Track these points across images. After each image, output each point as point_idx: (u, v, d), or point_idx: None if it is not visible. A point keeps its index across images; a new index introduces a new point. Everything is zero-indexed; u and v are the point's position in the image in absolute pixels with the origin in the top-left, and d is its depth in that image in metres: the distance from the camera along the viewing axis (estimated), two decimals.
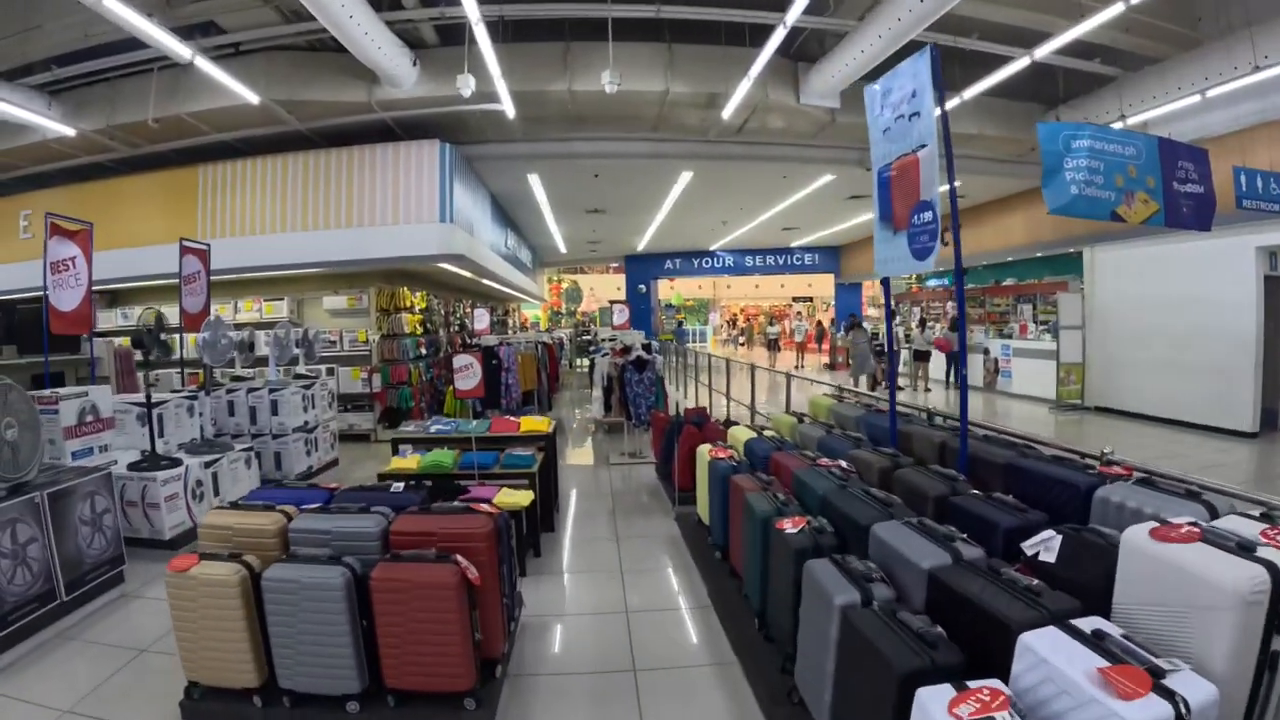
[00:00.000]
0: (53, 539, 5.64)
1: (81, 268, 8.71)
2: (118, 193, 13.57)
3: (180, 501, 7.37)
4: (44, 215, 8.40)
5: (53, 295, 8.36)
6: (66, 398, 7.10)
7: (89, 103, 11.96)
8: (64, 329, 8.63)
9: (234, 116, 11.83)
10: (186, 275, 9.74)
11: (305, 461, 9.99)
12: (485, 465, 7.01)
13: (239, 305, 14.04)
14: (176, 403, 8.32)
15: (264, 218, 12.80)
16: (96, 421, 7.41)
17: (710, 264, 33.35)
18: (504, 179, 16.37)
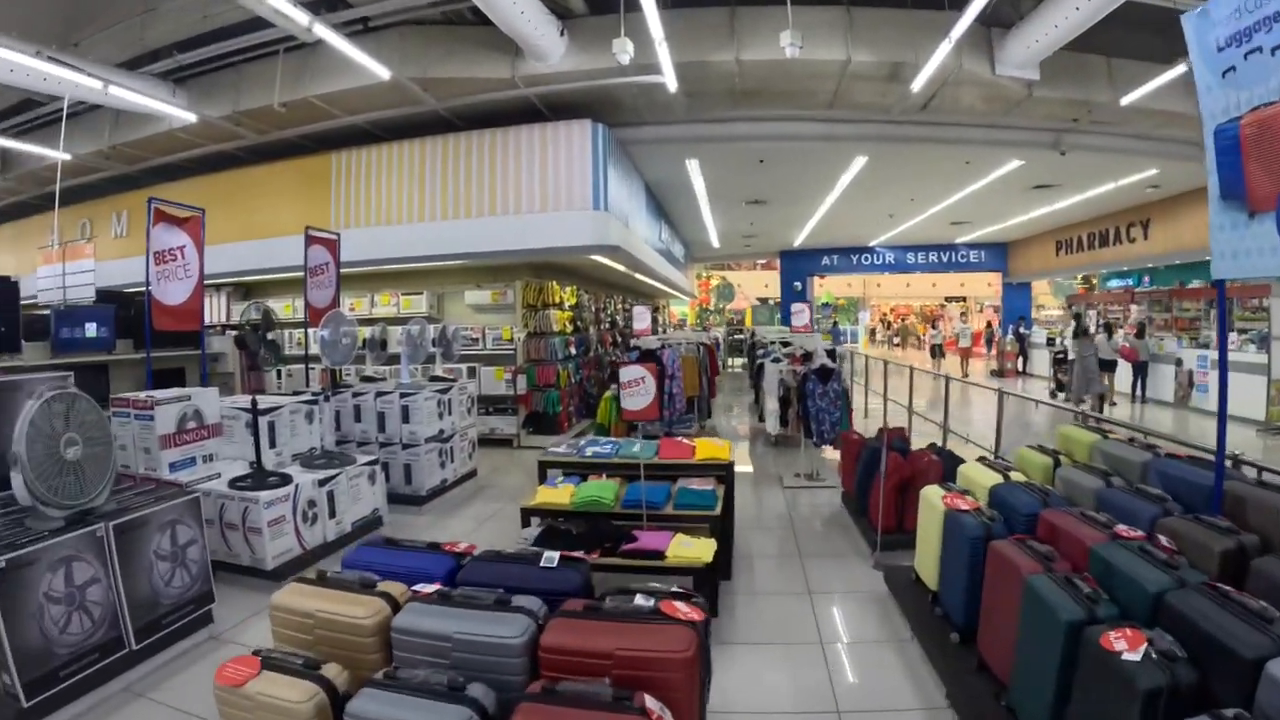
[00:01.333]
0: (119, 578, 4.64)
1: (191, 257, 7.98)
2: (249, 182, 13.28)
3: (288, 525, 6.35)
4: (147, 201, 7.67)
5: (157, 288, 7.62)
6: (164, 401, 6.25)
7: (214, 89, 11.57)
8: (170, 324, 7.85)
9: (365, 98, 11.13)
10: (313, 266, 9.29)
11: (439, 475, 8.92)
12: (655, 504, 5.81)
13: (375, 299, 13.37)
14: (293, 408, 7.34)
15: (402, 206, 12.14)
16: (200, 429, 6.55)
17: (869, 261, 31.55)
18: (660, 165, 15.17)
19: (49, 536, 4.25)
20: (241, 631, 5.50)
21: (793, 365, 10.40)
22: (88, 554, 4.44)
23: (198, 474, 6.40)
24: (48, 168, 13.64)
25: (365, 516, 7.36)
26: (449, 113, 11.90)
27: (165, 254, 7.75)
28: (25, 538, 4.20)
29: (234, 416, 7.11)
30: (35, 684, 4.05)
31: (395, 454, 8.63)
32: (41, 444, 4.31)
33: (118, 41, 10.68)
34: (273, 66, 10.81)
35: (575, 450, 6.75)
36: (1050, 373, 20.84)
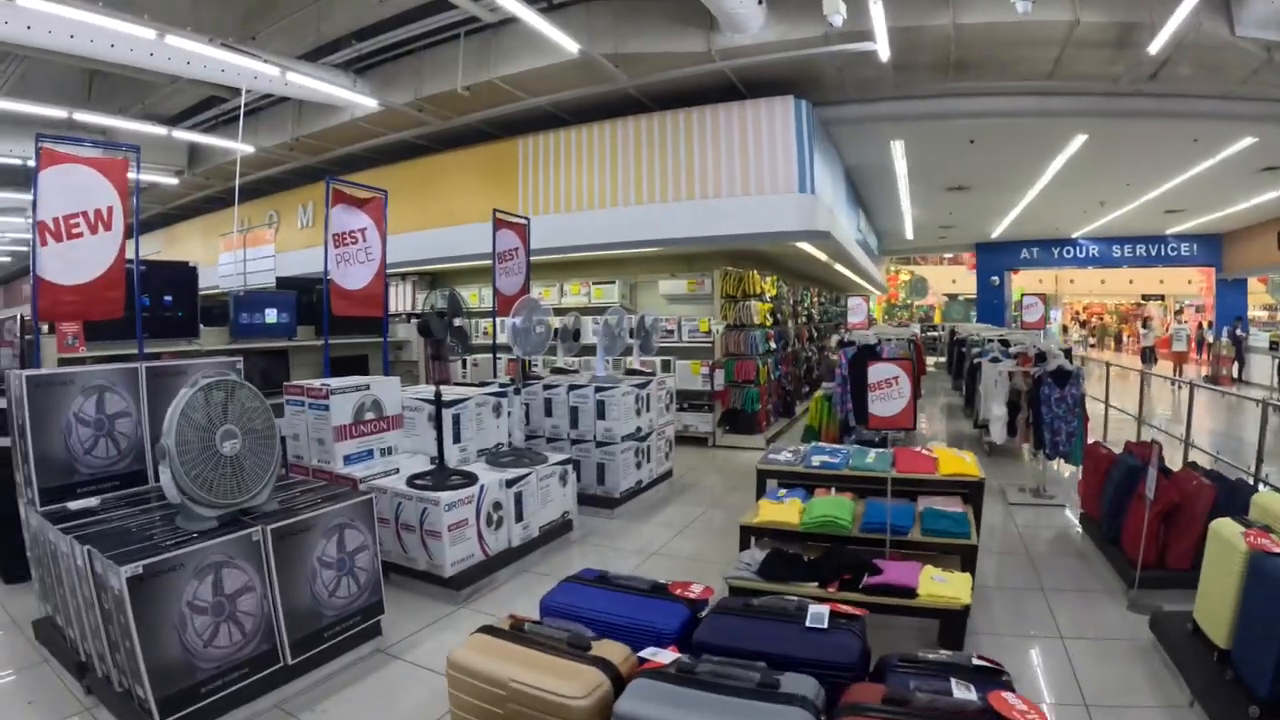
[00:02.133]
0: (276, 587, 4.04)
1: (373, 240, 7.57)
2: (434, 170, 13.13)
3: (470, 530, 5.60)
4: (325, 181, 7.26)
5: (336, 271, 7.25)
6: (341, 390, 5.73)
7: (396, 76, 11.35)
8: (350, 309, 7.46)
9: (551, 78, 10.58)
10: (502, 252, 8.85)
11: (634, 476, 8.10)
12: (900, 528, 4.85)
13: (564, 288, 12.85)
14: (479, 400, 6.67)
15: (592, 191, 11.58)
16: (379, 420, 6.03)
17: (1070, 254, 28.91)
18: (863, 148, 14.02)
19: (197, 540, 3.72)
20: (412, 646, 4.84)
21: (1022, 366, 9.13)
22: (241, 560, 3.87)
23: (374, 468, 5.87)
24: (233, 161, 13.60)
25: (554, 520, 6.62)
26: (639, 92, 11.19)
27: (345, 236, 7.39)
28: (171, 540, 3.70)
29: (416, 408, 6.50)
30: (172, 700, 3.54)
31: (588, 452, 7.90)
32: (195, 436, 3.80)
33: (294, 33, 10.55)
34: (454, 50, 10.51)
35: (798, 458, 5.82)
36: (1275, 380, 18.68)
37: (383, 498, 5.50)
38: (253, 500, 4.05)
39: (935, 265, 45.46)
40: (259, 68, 9.54)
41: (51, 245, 5.41)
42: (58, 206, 5.45)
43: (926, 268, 45.09)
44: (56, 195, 5.44)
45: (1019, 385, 9.05)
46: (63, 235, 5.46)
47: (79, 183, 5.55)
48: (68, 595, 4.05)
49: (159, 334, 6.89)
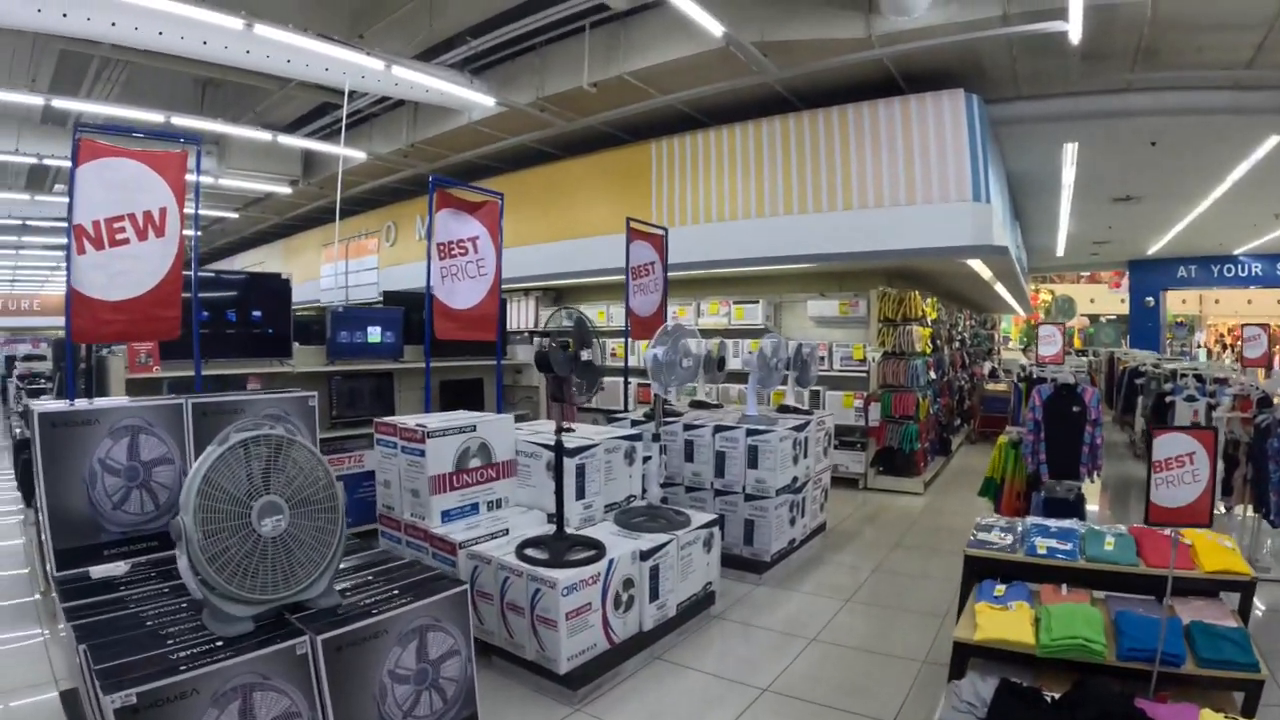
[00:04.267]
0: (329, 712, 2.99)
1: (487, 251, 6.56)
2: (558, 178, 12.34)
3: (594, 616, 4.42)
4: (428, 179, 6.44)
5: (441, 287, 6.30)
6: (441, 433, 4.73)
7: (516, 74, 10.49)
8: (456, 332, 6.46)
9: (687, 72, 9.48)
10: (636, 266, 7.87)
11: (786, 534, 6.85)
12: (1173, 657, 3.42)
13: (702, 307, 11.77)
14: (609, 445, 5.47)
15: (734, 200, 10.50)
16: (486, 467, 5.05)
17: (1232, 272, 26.41)
18: (1030, 152, 12.51)
19: (222, 653, 2.75)
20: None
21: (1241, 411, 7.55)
22: (280, 680, 2.85)
23: (478, 527, 4.82)
24: (349, 171, 13.39)
25: (694, 594, 5.39)
26: (785, 88, 10.04)
27: (453, 246, 6.44)
28: (189, 649, 2.78)
29: (533, 454, 5.39)
30: None
31: (735, 506, 6.69)
32: (225, 510, 2.83)
33: (406, 32, 9.80)
34: (579, 44, 9.62)
35: (1015, 540, 4.39)
36: None
37: (486, 568, 4.48)
38: (304, 593, 3.02)
39: (1072, 283, 42.98)
40: (363, 62, 8.82)
41: (91, 253, 4.46)
42: (99, 207, 4.50)
43: (1063, 286, 42.76)
44: (98, 194, 4.50)
45: (1240, 436, 7.50)
46: (104, 242, 4.51)
47: (126, 179, 4.61)
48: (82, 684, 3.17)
49: (247, 353, 6.21)
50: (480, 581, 4.45)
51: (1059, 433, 6.48)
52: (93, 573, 3.52)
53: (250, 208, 18.37)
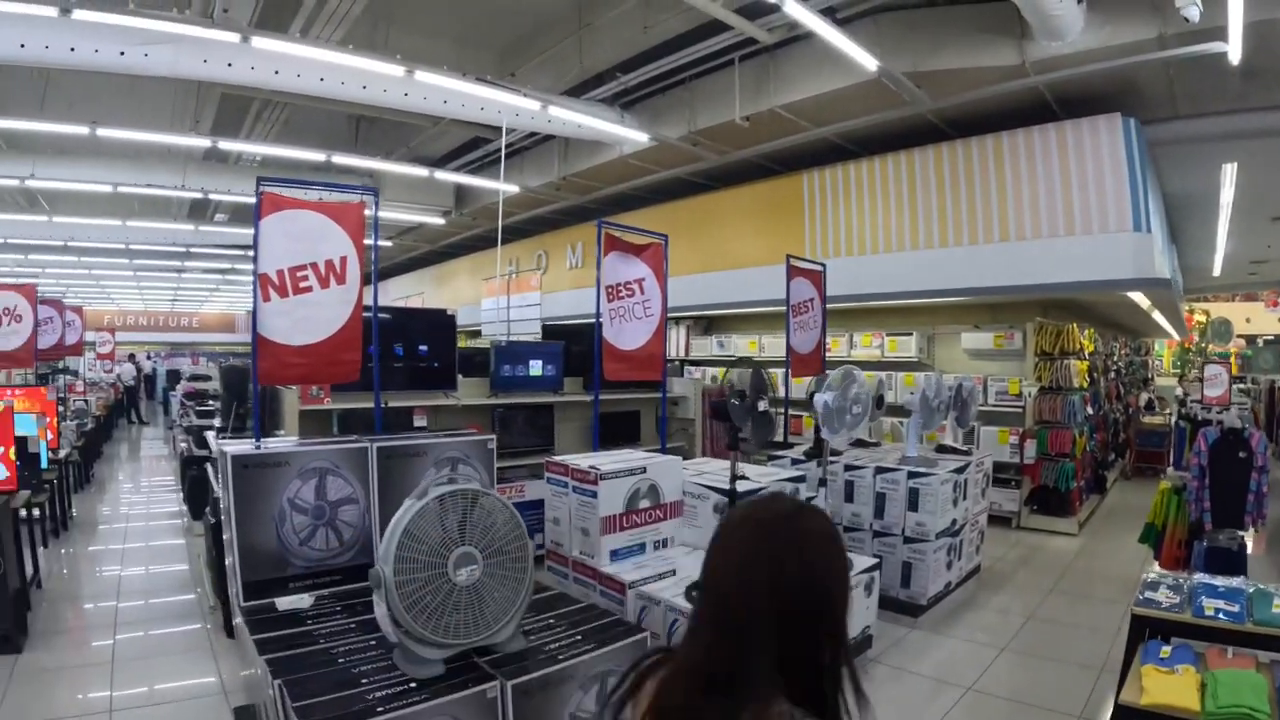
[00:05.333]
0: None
1: (652, 292, 6.65)
2: (709, 210, 12.29)
3: None
4: (596, 225, 6.47)
5: (610, 329, 6.38)
6: (613, 475, 4.75)
7: (665, 110, 10.54)
8: (625, 373, 6.62)
9: (838, 104, 9.36)
10: (796, 303, 7.87)
11: (943, 577, 6.69)
12: None
13: (854, 339, 11.54)
14: (774, 488, 5.38)
15: (886, 232, 10.29)
16: (654, 509, 5.03)
17: None
18: (1187, 173, 11.80)
19: (417, 696, 2.79)
20: None
21: None
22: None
23: (645, 567, 4.78)
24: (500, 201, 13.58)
25: (854, 639, 5.23)
26: (937, 116, 9.82)
27: (620, 288, 6.51)
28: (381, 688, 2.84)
29: (700, 495, 5.34)
30: None
31: (893, 548, 6.57)
32: (423, 560, 2.89)
33: (555, 69, 9.96)
34: (728, 78, 9.60)
35: (1183, 599, 4.17)
36: None
37: (654, 609, 4.46)
38: (493, 637, 3.07)
39: (1225, 302, 40.82)
40: (518, 103, 9.01)
41: (275, 301, 4.68)
42: (282, 257, 4.73)
43: (1216, 305, 40.66)
44: (281, 245, 4.74)
45: None
46: (288, 290, 4.74)
47: (307, 230, 4.85)
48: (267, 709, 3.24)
49: (413, 385, 6.38)
50: (647, 621, 4.42)
51: (1224, 479, 6.26)
52: (279, 604, 3.63)
53: (403, 236, 18.98)
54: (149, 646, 5.66)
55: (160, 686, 4.99)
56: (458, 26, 9.54)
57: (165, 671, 5.21)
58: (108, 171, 12.91)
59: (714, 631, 1.37)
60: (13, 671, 5.11)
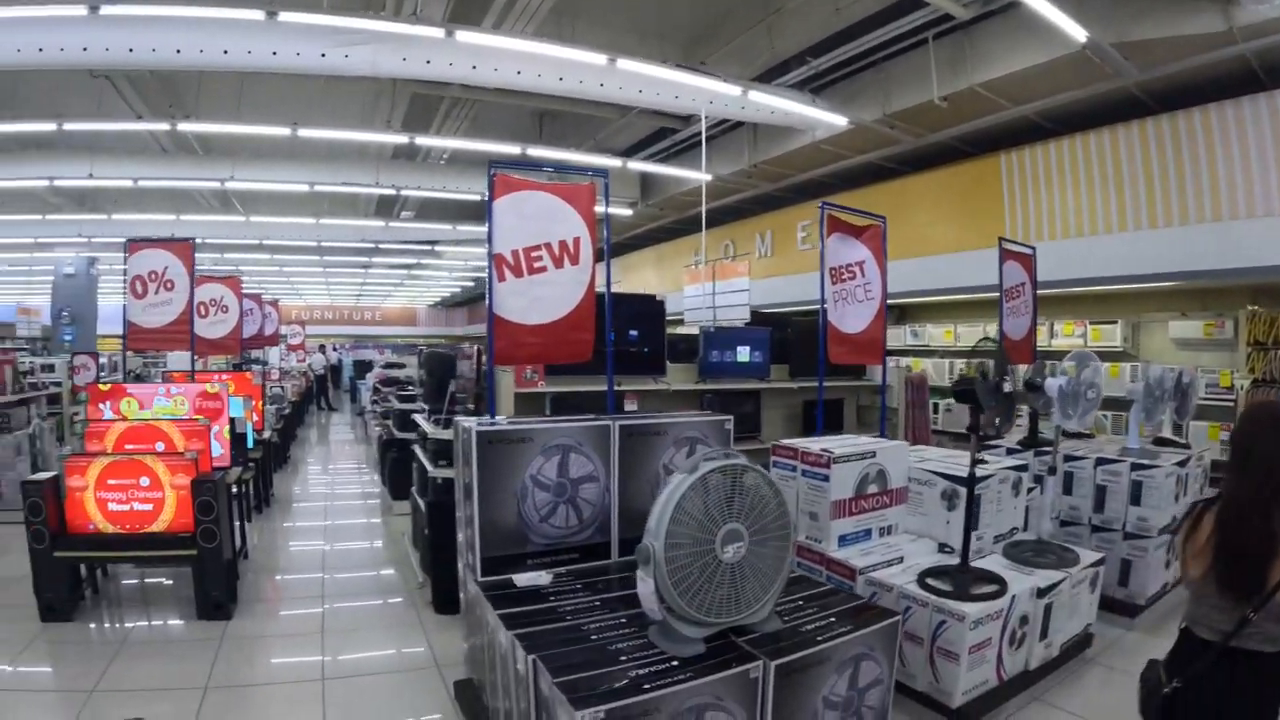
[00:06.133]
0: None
1: (873, 275, 6.65)
2: (901, 195, 11.99)
3: (991, 651, 4.20)
4: (819, 206, 6.44)
5: (834, 311, 6.37)
6: (845, 459, 4.68)
7: (858, 93, 10.29)
8: (848, 356, 6.67)
9: (1040, 79, 8.97)
10: (1009, 288, 7.47)
11: (1161, 577, 6.26)
12: None
13: (1055, 328, 11.03)
14: (1002, 476, 5.23)
15: (1090, 213, 9.81)
16: (881, 494, 4.93)
17: None
18: None
19: (680, 674, 2.76)
20: None
21: None
22: (731, 703, 2.84)
23: (872, 554, 4.69)
24: (686, 192, 13.74)
25: (1075, 636, 5.05)
26: (1139, 89, 9.29)
27: (842, 270, 6.49)
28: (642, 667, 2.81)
29: (927, 482, 5.16)
30: None
31: (1111, 544, 6.17)
32: (690, 536, 2.86)
33: (745, 55, 9.88)
34: (922, 58, 9.35)
35: None
36: None
37: (885, 595, 4.34)
38: (751, 616, 3.04)
39: None
40: (717, 88, 9.00)
41: (510, 281, 4.79)
42: (516, 238, 4.84)
43: None
44: (514, 225, 4.85)
45: None
46: (523, 270, 4.85)
47: (540, 211, 4.95)
48: (499, 684, 3.42)
49: (624, 370, 6.37)
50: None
51: None
52: (517, 580, 3.67)
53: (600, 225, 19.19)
54: (355, 618, 5.87)
55: (370, 656, 5.18)
56: (643, 20, 9.57)
57: (374, 643, 5.39)
58: (303, 172, 13.57)
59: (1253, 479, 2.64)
60: (223, 636, 5.38)
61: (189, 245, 7.99)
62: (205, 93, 10.60)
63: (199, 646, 5.19)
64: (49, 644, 5.24)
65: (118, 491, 5.62)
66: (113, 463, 5.65)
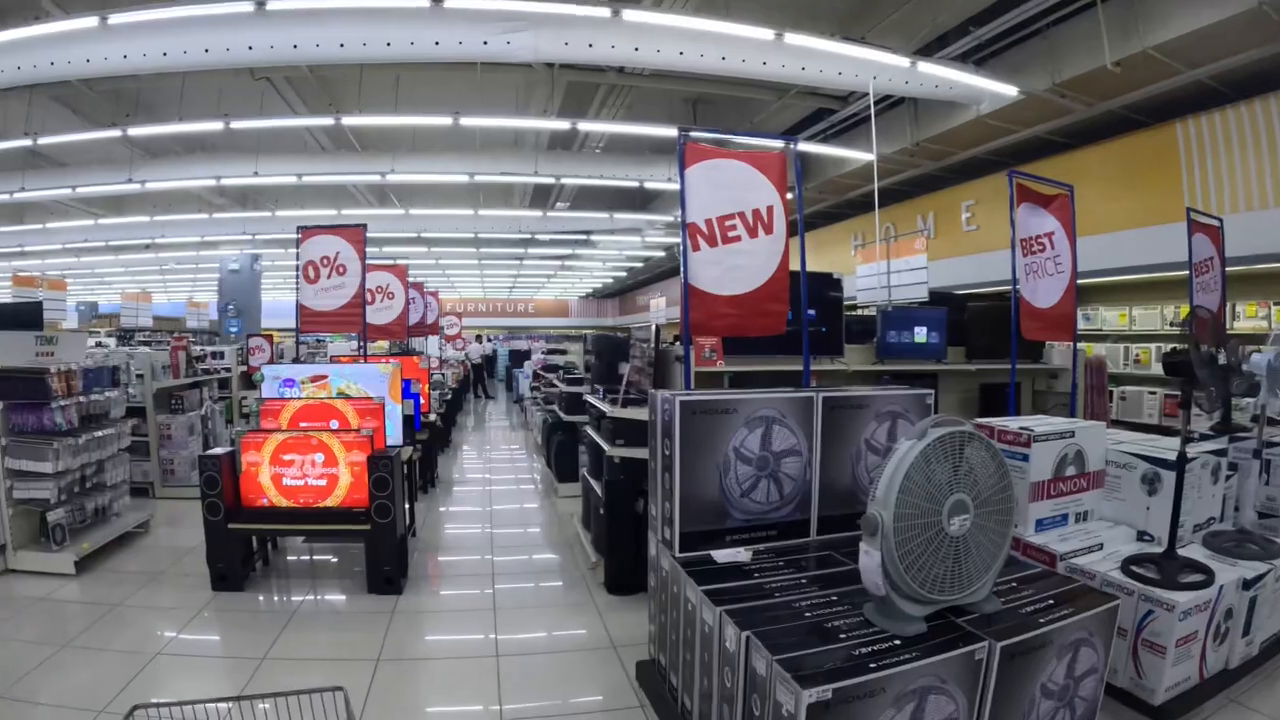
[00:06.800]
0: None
1: (1062, 247, 6.41)
2: (1068, 171, 11.04)
3: (1196, 645, 3.97)
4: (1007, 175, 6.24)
5: (1025, 285, 6.17)
6: (1044, 438, 4.47)
7: (1023, 63, 9.82)
8: (1040, 333, 6.52)
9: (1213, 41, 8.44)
10: (1199, 262, 7.09)
11: None
12: None
13: (1237, 309, 10.22)
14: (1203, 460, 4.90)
15: (1274, 184, 9.08)
16: (1079, 477, 4.67)
17: None
18: None
19: (904, 654, 2.67)
20: None
21: None
22: (953, 686, 2.73)
23: (1069, 539, 4.45)
24: (845, 175, 13.64)
25: (1276, 634, 4.68)
26: None
27: (1031, 242, 6.28)
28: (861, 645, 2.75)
29: (1126, 465, 4.86)
30: None
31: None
32: (917, 507, 2.76)
33: (904, 29, 9.62)
34: (1090, 21, 8.88)
35: None
36: None
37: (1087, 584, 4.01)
38: (972, 595, 2.93)
39: None
40: (884, 60, 8.76)
41: (705, 250, 4.78)
42: (709, 206, 4.80)
43: None
44: (707, 194, 4.80)
45: None
46: (717, 239, 4.82)
47: (732, 179, 4.88)
48: (695, 663, 3.38)
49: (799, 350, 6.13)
50: None
51: None
52: (716, 556, 3.61)
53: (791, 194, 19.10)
54: (526, 597, 5.94)
55: (542, 635, 5.20)
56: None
57: (546, 622, 5.43)
58: (462, 164, 13.82)
59: None
60: (394, 610, 5.50)
61: (360, 230, 8.23)
62: (363, 91, 10.89)
63: (370, 619, 5.35)
64: (219, 612, 5.50)
65: (292, 467, 5.86)
66: (288, 439, 5.90)
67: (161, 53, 8.19)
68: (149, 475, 9.06)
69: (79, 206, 18.53)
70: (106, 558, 6.64)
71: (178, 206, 18.61)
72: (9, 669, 4.48)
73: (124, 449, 7.38)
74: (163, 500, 8.80)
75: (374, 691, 4.23)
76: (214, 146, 14.15)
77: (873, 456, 4.01)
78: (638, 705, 4.05)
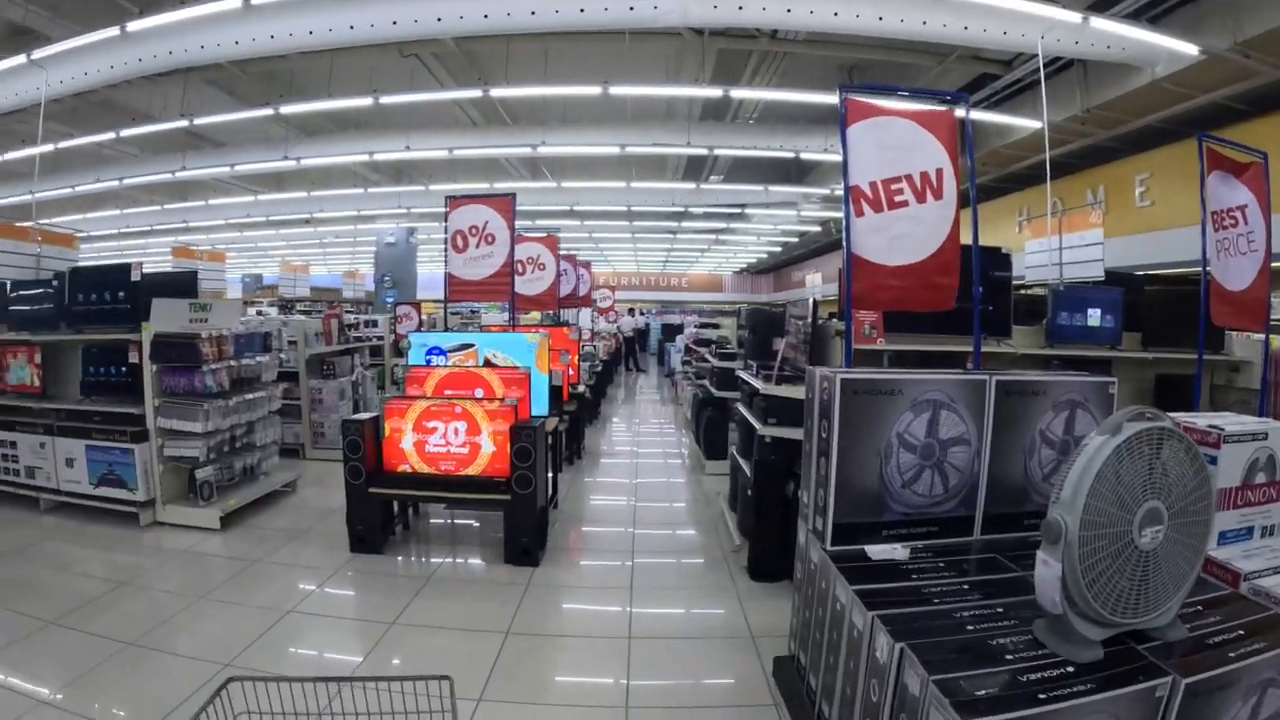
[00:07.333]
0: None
1: (1256, 223, 5.74)
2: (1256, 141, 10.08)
3: None
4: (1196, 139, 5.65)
5: (1216, 264, 5.64)
6: (1236, 438, 3.88)
7: (1199, 21, 8.99)
8: (1231, 318, 5.85)
9: None
10: None
11: None
12: None
13: None
14: None
15: None
16: (1269, 485, 4.07)
17: None
18: None
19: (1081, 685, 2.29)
20: None
21: None
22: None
23: (1254, 556, 3.81)
24: (1009, 145, 13.00)
25: None
26: None
27: (1223, 215, 5.68)
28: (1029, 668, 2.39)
29: None
30: None
31: None
32: (1105, 514, 2.35)
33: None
34: None
35: None
36: None
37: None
38: (1156, 620, 2.53)
39: None
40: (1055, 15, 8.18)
41: (869, 216, 4.45)
42: (874, 169, 4.46)
43: None
44: (872, 154, 4.46)
45: None
46: (883, 204, 4.48)
47: (898, 139, 4.53)
48: (839, 668, 3.10)
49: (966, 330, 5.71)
50: None
51: None
52: (870, 552, 3.34)
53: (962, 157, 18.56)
54: (664, 576, 5.80)
55: (678, 617, 5.10)
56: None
57: (683, 604, 5.31)
58: (612, 135, 13.78)
59: None
60: (529, 583, 5.46)
61: (509, 200, 8.23)
62: (510, 65, 10.93)
63: (504, 590, 5.34)
64: (356, 574, 5.62)
65: (435, 434, 5.90)
66: (431, 406, 5.93)
67: (307, 30, 8.39)
68: (300, 437, 9.45)
69: (239, 184, 19.51)
70: (252, 515, 6.93)
71: (335, 182, 19.30)
72: (147, 615, 4.66)
73: (275, 411, 7.66)
74: (312, 461, 9.17)
75: (499, 665, 4.20)
76: (366, 123, 14.52)
77: (1046, 450, 3.61)
78: (771, 704, 3.84)
